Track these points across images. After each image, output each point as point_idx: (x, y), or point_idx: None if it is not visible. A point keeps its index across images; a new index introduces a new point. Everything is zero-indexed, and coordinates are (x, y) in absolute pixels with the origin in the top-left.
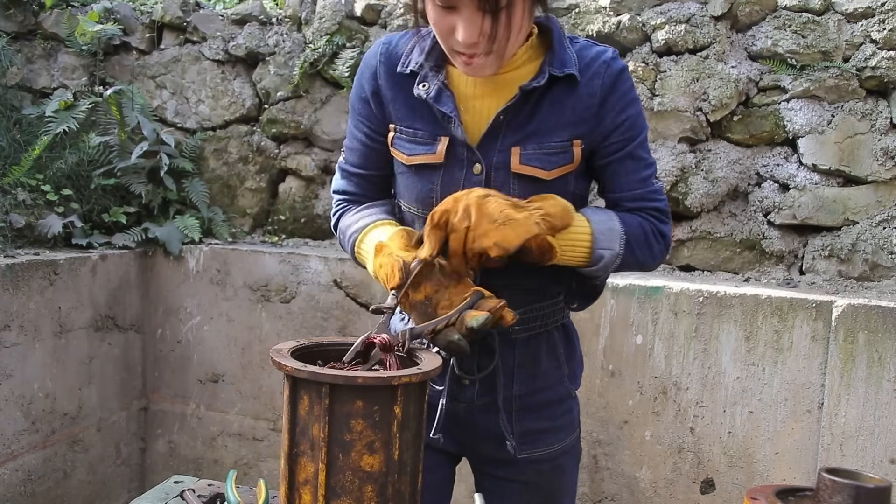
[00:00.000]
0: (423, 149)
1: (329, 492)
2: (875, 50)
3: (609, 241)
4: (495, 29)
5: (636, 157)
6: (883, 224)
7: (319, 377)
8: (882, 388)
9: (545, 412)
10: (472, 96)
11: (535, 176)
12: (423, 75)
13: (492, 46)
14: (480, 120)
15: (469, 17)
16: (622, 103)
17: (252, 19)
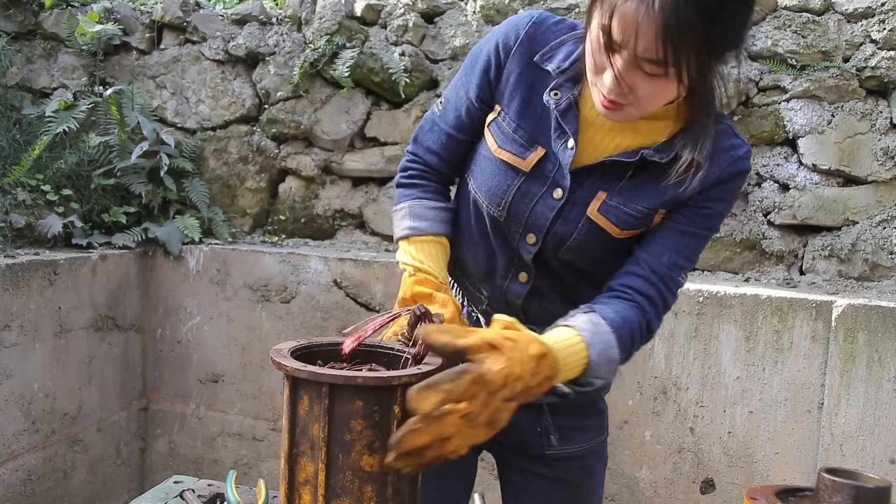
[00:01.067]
0: (516, 148)
1: (329, 492)
2: (875, 50)
3: (604, 373)
4: (646, 89)
5: (686, 243)
6: (883, 224)
7: (319, 377)
8: (882, 388)
9: (578, 410)
10: (593, 124)
11: (605, 229)
12: (558, 82)
13: (635, 102)
14: (588, 151)
15: (627, 68)
16: (717, 195)
17: (252, 19)
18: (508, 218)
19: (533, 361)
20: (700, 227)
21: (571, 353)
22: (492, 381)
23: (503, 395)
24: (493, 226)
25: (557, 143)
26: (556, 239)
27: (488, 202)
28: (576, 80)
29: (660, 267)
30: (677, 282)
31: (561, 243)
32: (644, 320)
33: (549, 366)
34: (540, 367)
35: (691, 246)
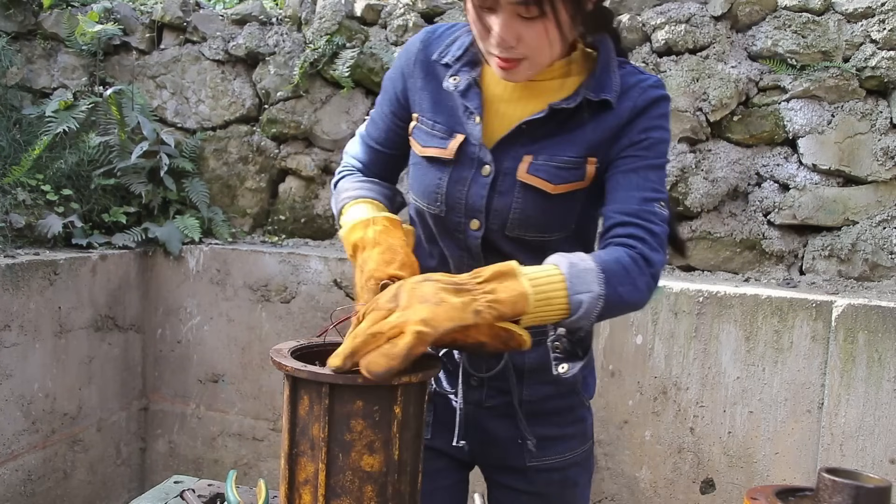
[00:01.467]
0: (437, 142)
1: (329, 492)
2: (875, 50)
3: (586, 284)
4: (531, 36)
5: (644, 177)
6: (883, 224)
7: (319, 377)
8: (882, 388)
9: (555, 419)
10: (501, 99)
11: (540, 188)
12: (456, 69)
13: (526, 53)
14: (503, 124)
15: (506, 20)
16: (648, 124)
17: (252, 19)
18: (448, 211)
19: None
20: (648, 158)
21: (536, 270)
22: (405, 278)
23: (414, 280)
24: (438, 227)
25: (468, 124)
26: (498, 217)
27: (427, 202)
28: (473, 64)
29: (629, 208)
30: (655, 212)
31: (504, 220)
32: (633, 252)
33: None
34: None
35: (650, 178)
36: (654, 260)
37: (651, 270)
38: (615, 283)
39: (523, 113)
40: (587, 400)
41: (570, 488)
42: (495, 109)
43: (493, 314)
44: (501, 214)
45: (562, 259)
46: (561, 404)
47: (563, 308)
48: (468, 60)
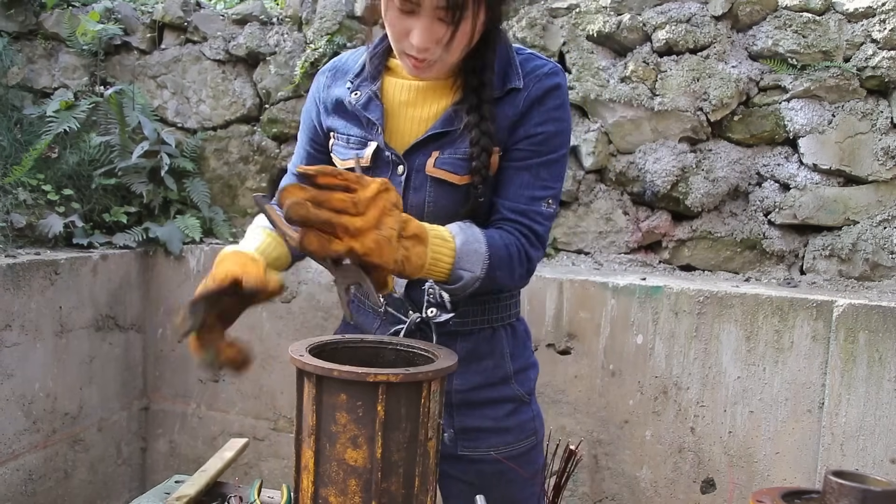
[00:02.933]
0: (354, 153)
1: (318, 479)
2: (876, 50)
3: (471, 264)
4: (450, 37)
5: (535, 174)
6: (883, 224)
7: (306, 367)
8: (882, 387)
9: (487, 411)
10: (406, 103)
11: (447, 180)
12: (356, 84)
13: (442, 53)
14: (412, 126)
15: (427, 23)
16: (543, 118)
17: (253, 19)
18: None
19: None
20: (541, 155)
21: (437, 235)
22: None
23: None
24: None
25: (374, 134)
26: (415, 212)
27: None
28: (373, 78)
29: (517, 205)
30: (541, 212)
31: (420, 214)
32: (519, 244)
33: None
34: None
35: (541, 175)
36: (533, 256)
37: (528, 266)
38: (496, 267)
39: (430, 112)
40: (525, 395)
41: (508, 483)
42: (402, 115)
43: (397, 269)
44: (418, 209)
45: (460, 233)
46: (493, 395)
47: (445, 275)
48: (368, 75)
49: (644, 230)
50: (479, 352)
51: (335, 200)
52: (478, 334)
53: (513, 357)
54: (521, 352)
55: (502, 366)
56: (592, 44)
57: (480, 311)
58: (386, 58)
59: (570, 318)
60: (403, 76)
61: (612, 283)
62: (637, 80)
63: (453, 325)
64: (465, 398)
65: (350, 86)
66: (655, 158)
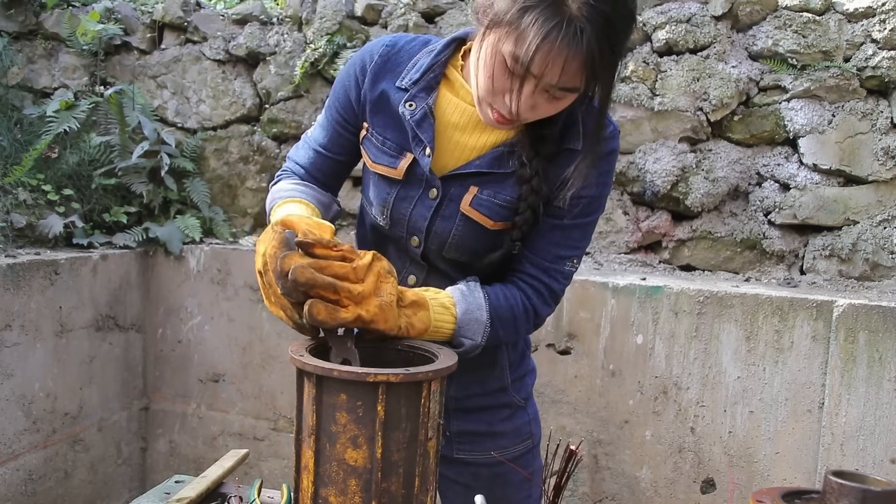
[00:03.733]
0: (388, 160)
1: (318, 480)
2: (876, 50)
3: (472, 332)
4: (546, 108)
5: (567, 234)
6: (883, 224)
7: (306, 367)
8: (882, 387)
9: (483, 416)
10: (456, 128)
11: (479, 222)
12: (412, 93)
13: (530, 118)
14: (455, 153)
15: (531, 94)
16: (589, 181)
17: (253, 19)
18: (392, 225)
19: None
20: (577, 217)
21: (439, 303)
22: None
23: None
24: (382, 238)
25: (417, 150)
26: (437, 238)
27: (375, 212)
28: (429, 90)
29: (542, 261)
30: (563, 271)
31: (442, 243)
32: (528, 303)
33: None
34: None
35: (573, 236)
36: (542, 313)
37: (536, 321)
38: (499, 328)
39: (476, 143)
40: (521, 400)
41: (502, 486)
42: (448, 137)
43: (403, 333)
44: (441, 237)
45: (462, 300)
46: (489, 402)
47: (447, 341)
48: (425, 85)
49: (644, 230)
50: (478, 363)
51: (336, 267)
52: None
53: (511, 368)
54: (519, 361)
55: (500, 378)
56: None
57: None
58: (446, 66)
59: (570, 318)
60: (462, 96)
61: (612, 283)
62: (637, 80)
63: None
64: (461, 405)
65: (405, 94)
66: (655, 158)
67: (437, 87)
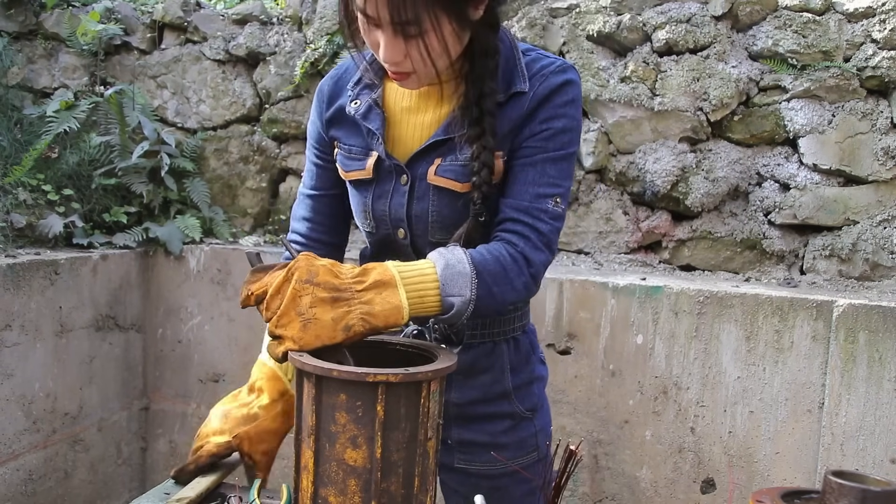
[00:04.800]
0: (357, 164)
1: (317, 480)
2: (876, 50)
3: (459, 288)
4: (415, 52)
5: (541, 171)
6: (884, 224)
7: (306, 367)
8: (882, 387)
9: (485, 426)
10: (408, 110)
11: (449, 188)
12: (356, 93)
13: (413, 67)
14: (415, 133)
15: (388, 38)
16: (549, 114)
17: (253, 19)
18: (377, 226)
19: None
20: (548, 150)
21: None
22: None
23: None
24: (375, 245)
25: (374, 144)
26: (419, 222)
27: (361, 222)
28: (372, 87)
29: (521, 202)
30: (546, 209)
31: (425, 225)
32: (514, 251)
33: (379, 272)
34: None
35: (548, 172)
36: (535, 259)
37: (531, 270)
38: (490, 283)
39: (433, 118)
40: (526, 411)
41: (503, 498)
42: (406, 122)
43: (364, 328)
44: (422, 219)
45: (440, 258)
46: (491, 411)
47: (436, 307)
48: (366, 84)
49: (644, 230)
50: (478, 366)
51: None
52: (477, 348)
53: (513, 372)
54: (523, 366)
55: (501, 381)
56: (592, 44)
57: (480, 324)
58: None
59: (570, 318)
60: None
61: (612, 283)
62: (637, 80)
63: (452, 336)
64: (462, 412)
65: (350, 94)
66: (655, 158)
67: (380, 83)
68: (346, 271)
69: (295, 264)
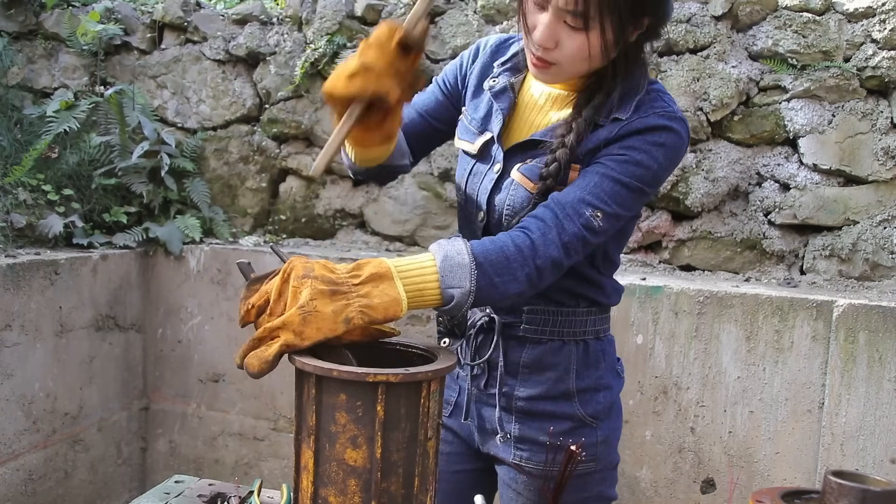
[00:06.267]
0: (470, 136)
1: (318, 480)
2: (876, 50)
3: (458, 279)
4: (570, 44)
5: (597, 183)
6: (883, 224)
7: (306, 367)
8: (882, 387)
9: (546, 424)
10: (533, 107)
11: (523, 185)
12: (498, 72)
13: (560, 59)
14: (524, 129)
15: (551, 22)
16: (634, 144)
17: (253, 19)
18: (466, 201)
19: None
20: (611, 170)
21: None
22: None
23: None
24: (463, 214)
25: (493, 122)
26: (496, 211)
27: (456, 189)
28: (515, 71)
29: (562, 198)
30: (582, 215)
31: (500, 214)
32: (526, 240)
33: (373, 266)
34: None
35: (602, 186)
36: (544, 252)
37: (537, 262)
38: (492, 274)
39: (544, 120)
40: (590, 417)
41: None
42: (525, 117)
43: (364, 320)
44: (498, 209)
45: (439, 250)
46: (552, 409)
47: (436, 299)
48: (512, 66)
49: (644, 230)
50: (544, 362)
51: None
52: (545, 344)
53: (578, 374)
54: (590, 371)
55: (565, 381)
56: None
57: (550, 321)
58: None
59: None
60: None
61: None
62: None
63: (522, 331)
64: (526, 407)
65: (495, 70)
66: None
67: (524, 70)
68: (340, 268)
69: (289, 265)
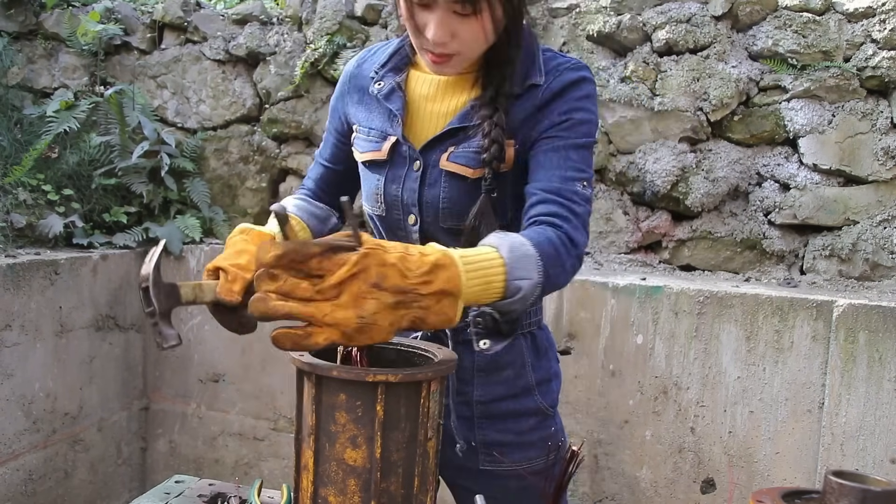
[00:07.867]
0: (372, 146)
1: (317, 479)
2: (876, 50)
3: (527, 271)
4: (466, 32)
5: (564, 156)
6: (883, 224)
7: (305, 366)
8: (882, 387)
9: (510, 424)
10: (427, 98)
11: (460, 173)
12: (380, 75)
13: (459, 49)
14: (431, 121)
15: (442, 17)
16: (566, 107)
17: (253, 19)
18: (388, 209)
19: (416, 257)
20: (570, 138)
21: (479, 258)
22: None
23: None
24: (384, 229)
25: (394, 126)
26: (430, 208)
27: (370, 205)
28: (397, 70)
29: (551, 184)
30: (577, 191)
31: (436, 211)
32: (560, 231)
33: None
34: (434, 275)
35: (572, 157)
36: (579, 241)
37: (576, 252)
38: (549, 266)
39: (448, 108)
40: (548, 408)
41: (531, 499)
42: (423, 110)
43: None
44: (433, 206)
45: (502, 242)
46: (515, 407)
47: (500, 292)
48: (392, 66)
49: (644, 230)
50: (500, 362)
51: (301, 290)
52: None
53: (534, 367)
54: (542, 363)
55: (523, 375)
56: (592, 44)
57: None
58: (413, 51)
59: (570, 318)
60: (426, 70)
61: (612, 283)
62: (637, 80)
63: (470, 335)
64: (487, 410)
65: (375, 75)
66: (655, 158)
67: (405, 68)
68: (414, 267)
69: (366, 260)
